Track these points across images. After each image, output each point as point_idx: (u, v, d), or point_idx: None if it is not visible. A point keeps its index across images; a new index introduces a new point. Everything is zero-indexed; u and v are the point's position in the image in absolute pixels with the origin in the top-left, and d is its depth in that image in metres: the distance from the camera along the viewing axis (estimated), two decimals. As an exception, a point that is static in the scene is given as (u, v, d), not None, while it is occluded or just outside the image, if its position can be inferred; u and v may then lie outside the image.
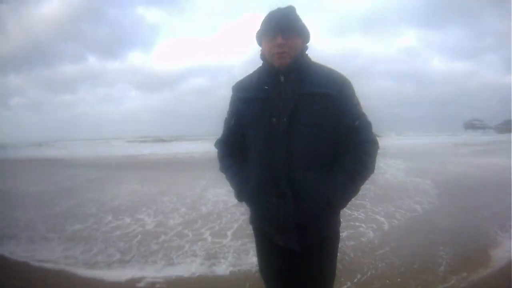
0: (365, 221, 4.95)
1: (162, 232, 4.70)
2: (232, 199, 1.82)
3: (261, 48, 1.50)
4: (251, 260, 3.57)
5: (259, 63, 1.53)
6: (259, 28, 1.46)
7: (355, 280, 3.13)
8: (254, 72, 1.53)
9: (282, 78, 1.40)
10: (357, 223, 4.87)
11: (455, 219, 5.07)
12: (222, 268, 3.48)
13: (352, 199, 1.45)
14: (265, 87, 1.42)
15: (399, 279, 3.15)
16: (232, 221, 5.06)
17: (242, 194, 1.55)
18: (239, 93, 1.54)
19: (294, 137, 1.37)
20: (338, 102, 1.38)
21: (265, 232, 1.52)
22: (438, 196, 6.78)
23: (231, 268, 3.46)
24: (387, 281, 3.13)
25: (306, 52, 1.48)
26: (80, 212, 5.89)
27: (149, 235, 4.60)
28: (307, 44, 1.48)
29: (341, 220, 1.56)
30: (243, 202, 1.57)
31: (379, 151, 1.49)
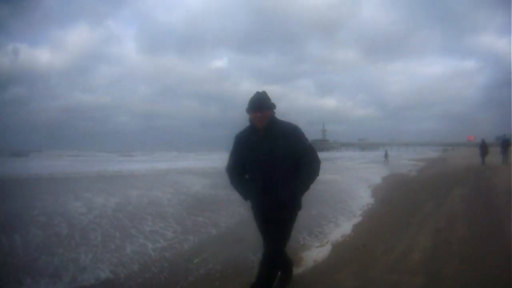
0: (183, 231, 5.41)
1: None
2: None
3: (249, 116, 2.62)
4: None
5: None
6: (248, 105, 2.59)
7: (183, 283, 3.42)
8: (246, 128, 2.68)
9: (262, 133, 2.58)
10: (175, 234, 5.27)
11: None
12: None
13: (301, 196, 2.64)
14: (253, 139, 2.61)
15: (217, 283, 3.39)
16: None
17: (247, 197, 2.70)
18: (240, 142, 2.69)
19: (274, 164, 2.53)
20: (293, 142, 2.55)
21: (261, 212, 2.68)
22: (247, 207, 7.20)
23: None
24: (207, 285, 3.37)
25: (274, 114, 2.65)
26: None
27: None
28: (274, 110, 2.64)
29: (301, 203, 2.68)
30: (248, 200, 2.73)
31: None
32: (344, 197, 8.70)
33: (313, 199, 7.93)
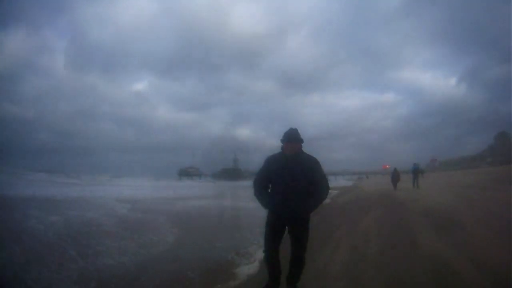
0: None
1: None
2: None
3: (282, 145, 3.39)
4: None
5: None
6: (283, 137, 3.36)
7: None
8: (277, 153, 3.42)
9: (289, 160, 3.30)
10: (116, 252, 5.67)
11: (196, 249, 6.13)
12: None
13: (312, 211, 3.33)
14: (282, 163, 3.31)
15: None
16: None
17: (268, 206, 3.33)
18: (270, 163, 3.40)
19: (295, 184, 3.23)
20: (314, 171, 3.31)
21: (277, 220, 3.31)
22: (176, 229, 8.07)
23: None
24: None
25: (302, 147, 3.41)
26: None
27: None
28: (302, 144, 3.39)
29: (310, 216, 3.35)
30: (268, 209, 3.34)
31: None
32: (261, 222, 8.87)
33: (233, 224, 8.84)
